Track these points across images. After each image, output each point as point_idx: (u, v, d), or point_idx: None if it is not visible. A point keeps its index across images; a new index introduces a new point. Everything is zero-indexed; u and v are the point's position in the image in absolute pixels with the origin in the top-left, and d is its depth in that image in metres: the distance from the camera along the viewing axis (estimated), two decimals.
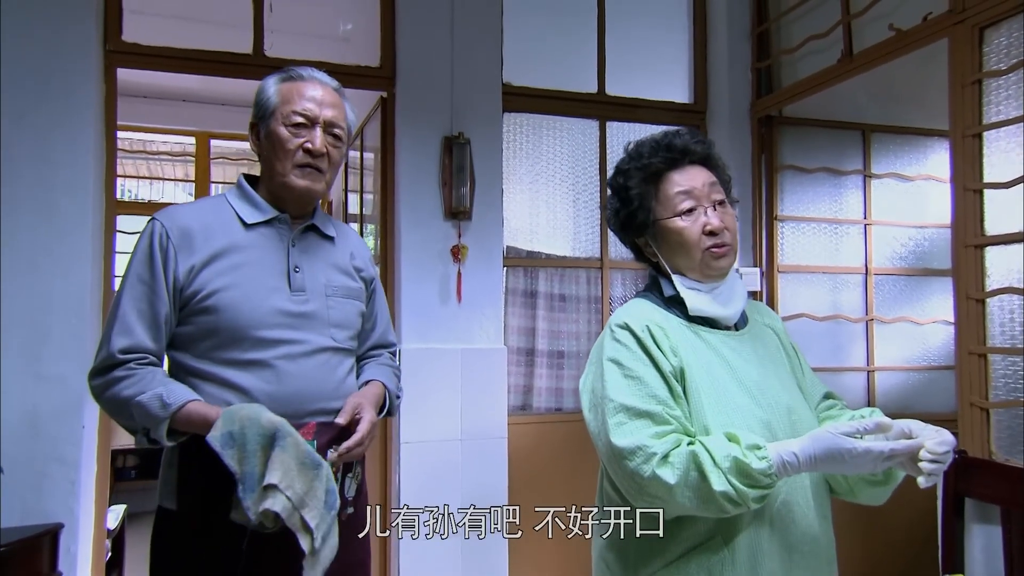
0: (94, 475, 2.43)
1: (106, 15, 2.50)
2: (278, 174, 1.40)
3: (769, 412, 1.21)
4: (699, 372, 1.22)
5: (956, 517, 1.97)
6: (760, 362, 1.28)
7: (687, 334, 1.26)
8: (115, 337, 1.31)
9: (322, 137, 1.40)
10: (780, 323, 1.43)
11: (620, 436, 1.14)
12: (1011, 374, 2.07)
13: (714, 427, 1.17)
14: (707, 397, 1.20)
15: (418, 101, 2.78)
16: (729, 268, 1.31)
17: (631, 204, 1.31)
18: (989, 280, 2.12)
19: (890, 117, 3.32)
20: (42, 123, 2.33)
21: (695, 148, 1.30)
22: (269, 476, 1.20)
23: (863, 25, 2.66)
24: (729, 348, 1.27)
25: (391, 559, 2.73)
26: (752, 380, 1.24)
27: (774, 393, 1.24)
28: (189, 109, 4.93)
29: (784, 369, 1.32)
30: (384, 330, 1.64)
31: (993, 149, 2.12)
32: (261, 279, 1.37)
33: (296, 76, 1.43)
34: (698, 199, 1.28)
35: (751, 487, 1.08)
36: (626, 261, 3.18)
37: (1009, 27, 2.08)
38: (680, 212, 1.27)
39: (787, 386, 1.29)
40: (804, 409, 1.27)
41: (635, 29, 3.22)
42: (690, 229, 1.27)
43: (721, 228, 1.26)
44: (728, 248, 1.28)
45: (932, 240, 3.38)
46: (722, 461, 1.09)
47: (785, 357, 1.35)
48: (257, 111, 1.43)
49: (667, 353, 1.21)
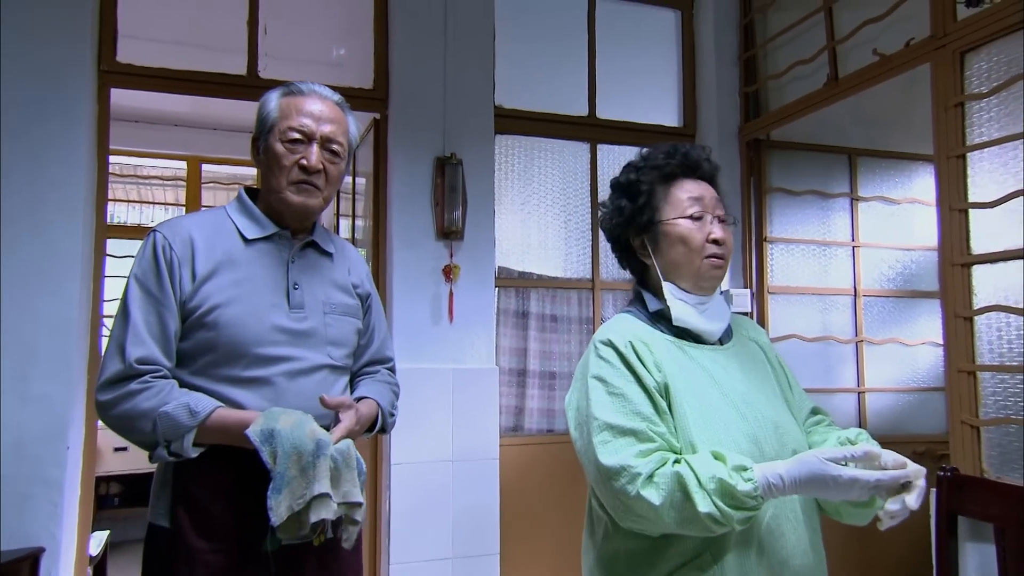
0: (77, 499, 2.38)
1: (100, 36, 2.52)
2: (275, 190, 1.40)
3: (756, 426, 1.21)
4: (684, 387, 1.22)
5: (950, 536, 1.96)
6: (746, 376, 1.29)
7: (672, 349, 1.27)
8: (130, 348, 1.28)
9: (318, 153, 1.40)
10: (765, 338, 1.44)
11: (606, 455, 1.14)
12: (1000, 391, 2.09)
13: (700, 443, 1.16)
14: (692, 412, 1.19)
15: (411, 122, 2.80)
16: (720, 282, 1.33)
17: (639, 200, 1.32)
18: (976, 298, 2.14)
19: (875, 141, 3.38)
20: (36, 141, 2.33)
21: (706, 166, 1.34)
22: (319, 486, 1.22)
23: (847, 50, 2.72)
24: (714, 363, 1.27)
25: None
26: (738, 394, 1.24)
27: (760, 407, 1.24)
28: (180, 133, 4.95)
29: (770, 383, 1.33)
30: (380, 345, 1.62)
31: (977, 170, 2.16)
32: (261, 296, 1.36)
33: (296, 91, 1.43)
34: (706, 208, 1.30)
35: (736, 509, 1.08)
36: (617, 282, 3.19)
37: (989, 52, 2.13)
38: (689, 215, 1.29)
39: (773, 400, 1.29)
40: (791, 423, 1.28)
41: (625, 54, 3.28)
42: (696, 233, 1.28)
43: (724, 240, 1.29)
44: (725, 262, 1.30)
45: (919, 262, 3.42)
46: (707, 482, 1.08)
47: (771, 371, 1.36)
48: (258, 126, 1.43)
49: (651, 369, 1.21)
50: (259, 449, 1.22)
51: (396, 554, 2.59)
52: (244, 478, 1.28)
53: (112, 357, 1.29)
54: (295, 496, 1.21)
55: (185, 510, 1.30)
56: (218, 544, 1.29)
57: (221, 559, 1.28)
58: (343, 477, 1.26)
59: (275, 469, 1.21)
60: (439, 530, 2.60)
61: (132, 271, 1.35)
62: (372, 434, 1.52)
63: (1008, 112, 2.07)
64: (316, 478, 1.22)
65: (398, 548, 2.59)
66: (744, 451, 1.15)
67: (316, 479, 1.22)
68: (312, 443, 1.23)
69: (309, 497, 1.21)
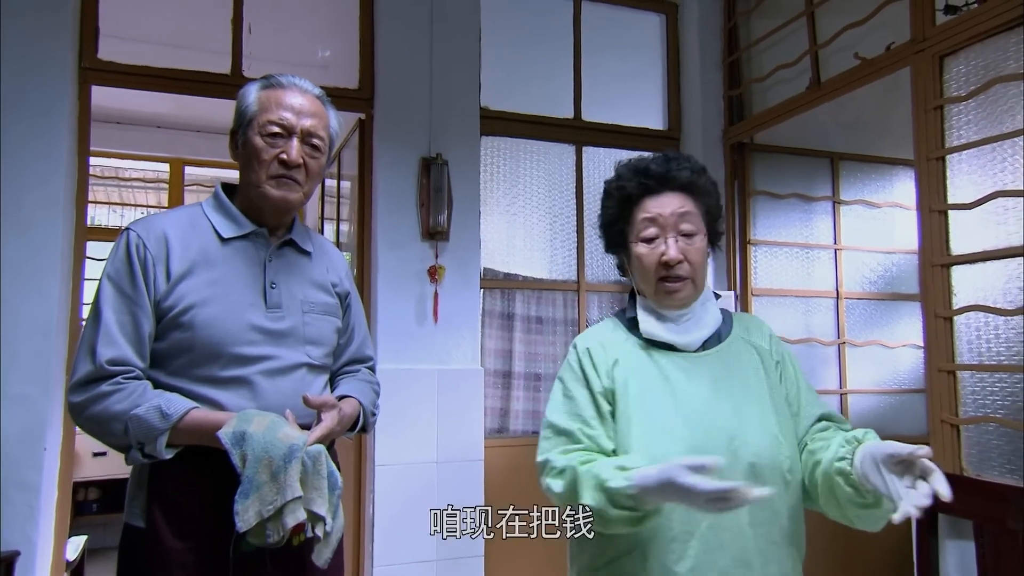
0: (55, 501, 2.34)
1: (82, 33, 2.49)
2: (253, 184, 1.37)
3: (702, 437, 1.20)
4: (638, 394, 1.24)
5: (930, 534, 1.98)
6: (714, 385, 1.26)
7: (639, 356, 1.29)
8: (100, 348, 1.25)
9: (299, 148, 1.37)
10: (768, 341, 1.37)
11: (540, 452, 1.26)
12: (979, 390, 2.11)
13: (636, 449, 1.20)
14: (636, 419, 1.22)
15: (396, 123, 2.80)
16: (686, 300, 1.30)
17: (609, 223, 1.36)
18: (956, 298, 2.17)
19: (857, 146, 3.42)
20: (15, 139, 2.29)
21: (676, 175, 1.29)
22: (290, 492, 1.19)
23: (830, 55, 2.75)
24: (681, 371, 1.27)
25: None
26: (693, 404, 1.23)
27: (717, 417, 1.22)
28: (163, 135, 4.89)
29: (751, 391, 1.27)
30: (360, 344, 1.61)
31: (956, 172, 2.19)
32: (237, 295, 1.34)
33: (276, 84, 1.41)
34: (662, 228, 1.28)
35: (614, 506, 1.10)
36: (603, 284, 3.20)
37: (967, 56, 2.16)
38: (643, 239, 1.29)
39: (744, 410, 1.24)
40: (757, 435, 1.22)
41: (610, 57, 3.30)
42: (648, 257, 1.28)
43: (677, 260, 1.26)
44: (684, 282, 1.28)
45: (900, 265, 3.46)
46: (591, 479, 1.14)
47: (763, 377, 1.30)
48: (237, 119, 1.41)
49: (601, 374, 1.27)
50: (229, 452, 1.19)
51: (380, 556, 2.57)
52: (221, 479, 1.25)
53: (83, 358, 1.26)
54: (264, 502, 1.19)
55: (161, 510, 1.28)
56: (194, 544, 1.27)
57: (197, 559, 1.26)
58: (309, 483, 1.23)
59: (244, 473, 1.19)
60: (424, 532, 2.57)
61: (105, 270, 1.31)
62: (354, 433, 1.51)
63: (986, 115, 2.10)
64: (287, 484, 1.19)
65: (382, 550, 2.57)
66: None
67: (287, 485, 1.19)
68: (284, 447, 1.20)
69: (280, 503, 1.18)
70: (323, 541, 1.26)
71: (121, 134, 4.74)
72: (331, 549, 1.28)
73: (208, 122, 4.82)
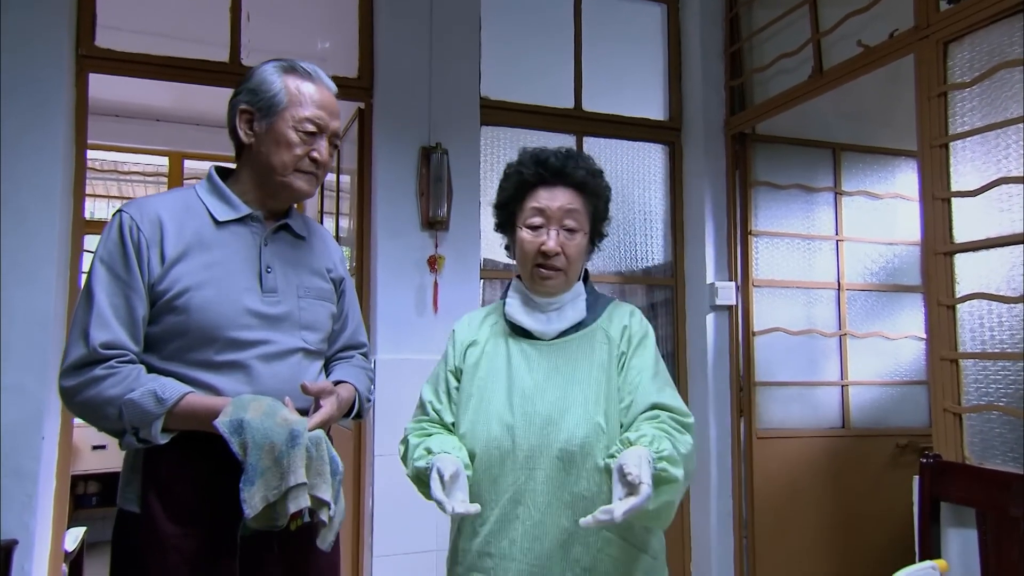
0: (52, 490, 2.34)
1: (79, 20, 2.48)
2: (276, 173, 1.36)
3: (521, 419, 1.31)
4: (481, 377, 1.37)
5: (932, 521, 1.97)
6: (549, 373, 1.34)
7: (496, 341, 1.41)
8: (94, 331, 1.23)
9: (328, 147, 1.40)
10: (622, 331, 1.39)
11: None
12: (982, 379, 2.10)
13: (462, 423, 1.35)
14: (474, 399, 1.36)
15: (396, 112, 2.78)
16: (555, 289, 1.38)
17: (502, 204, 1.44)
18: (959, 286, 2.15)
19: (859, 136, 3.40)
20: (11, 127, 2.27)
21: (571, 173, 1.37)
22: (294, 477, 1.19)
23: (832, 43, 2.73)
24: (525, 357, 1.37)
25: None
26: (521, 389, 1.33)
27: (540, 404, 1.32)
28: (162, 129, 4.87)
29: (586, 381, 1.33)
30: (354, 330, 1.59)
31: (959, 159, 2.17)
32: (233, 279, 1.32)
33: (304, 74, 1.39)
34: (548, 219, 1.36)
35: (416, 480, 1.33)
36: (603, 274, 3.19)
37: (972, 42, 2.15)
38: (528, 225, 1.37)
39: (568, 398, 1.32)
40: (575, 422, 1.29)
41: (611, 47, 3.28)
42: (529, 243, 1.37)
43: (554, 252, 1.34)
44: (558, 273, 1.36)
45: (902, 257, 3.44)
46: (412, 452, 1.33)
47: (605, 367, 1.34)
48: (256, 100, 1.37)
49: (456, 354, 1.42)
50: (229, 441, 1.18)
51: (379, 546, 2.56)
52: (217, 464, 1.24)
53: (76, 342, 1.24)
54: (269, 487, 1.18)
55: (156, 495, 1.26)
56: (189, 529, 1.26)
57: (192, 544, 1.25)
58: (313, 469, 1.23)
59: (247, 460, 1.18)
60: (422, 522, 2.57)
61: (97, 253, 1.29)
62: (349, 420, 1.51)
63: (990, 101, 2.09)
64: (291, 468, 1.19)
65: (381, 540, 2.56)
66: (495, 436, 1.31)
67: (291, 469, 1.19)
68: (285, 432, 1.20)
69: (285, 488, 1.18)
70: (327, 526, 1.26)
71: (120, 127, 4.72)
72: (334, 533, 1.29)
73: (208, 115, 4.79)
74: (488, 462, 1.32)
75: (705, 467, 3.09)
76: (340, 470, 1.30)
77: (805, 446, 3.13)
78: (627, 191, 3.30)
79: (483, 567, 1.31)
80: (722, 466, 3.09)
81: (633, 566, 1.31)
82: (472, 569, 1.33)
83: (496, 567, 1.30)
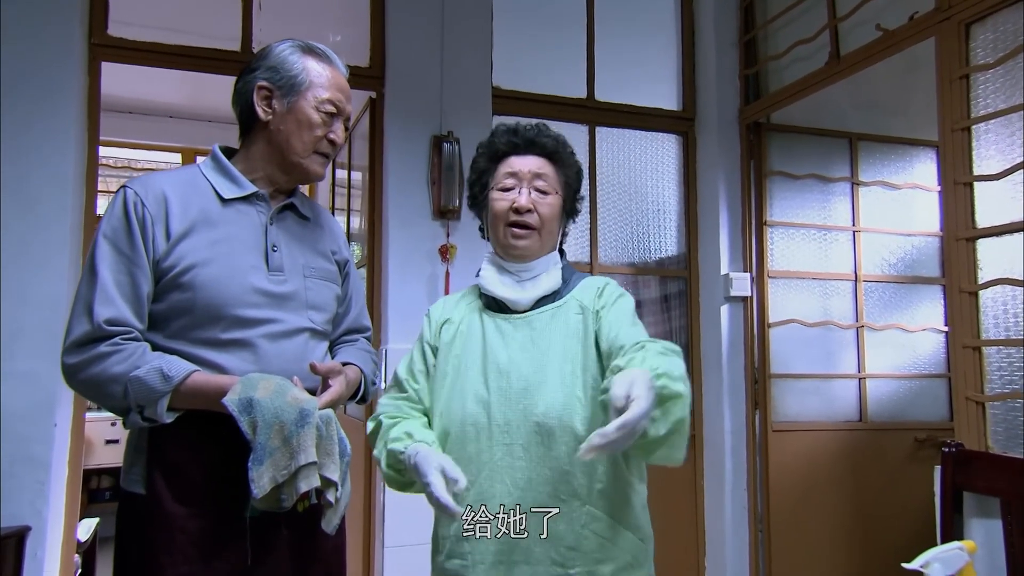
0: (65, 478, 2.34)
1: (91, 9, 2.48)
2: (295, 153, 1.36)
3: (495, 395, 1.28)
4: (455, 354, 1.35)
5: (954, 512, 1.92)
6: (524, 347, 1.31)
7: (471, 318, 1.38)
8: (98, 308, 1.20)
9: (343, 131, 1.41)
10: (597, 290, 1.35)
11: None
12: (1006, 367, 2.05)
13: (437, 400, 1.33)
14: (449, 374, 1.33)
15: (408, 101, 2.77)
16: (529, 251, 1.34)
17: (475, 178, 1.43)
18: (981, 273, 2.11)
19: (876, 126, 3.35)
20: (23, 115, 2.28)
21: (541, 142, 1.37)
22: (304, 456, 1.17)
23: (849, 29, 2.69)
24: (500, 332, 1.34)
25: (375, 570, 2.63)
26: (496, 364, 1.30)
27: (515, 378, 1.28)
28: (175, 125, 4.88)
29: (562, 353, 1.29)
30: (358, 314, 1.57)
31: (982, 142, 2.13)
32: (239, 256, 1.31)
33: (323, 56, 1.39)
34: (519, 180, 1.35)
35: (387, 464, 1.27)
36: (616, 265, 3.15)
37: (995, 21, 2.10)
38: (500, 188, 1.36)
39: (545, 370, 1.28)
40: (552, 395, 1.25)
41: (624, 37, 3.25)
42: (501, 202, 1.35)
43: (526, 208, 1.32)
44: (531, 232, 1.33)
45: (920, 248, 3.39)
46: (384, 433, 1.30)
47: (581, 338, 1.30)
48: (277, 77, 1.35)
49: (432, 332, 1.40)
50: (238, 419, 1.16)
51: (390, 537, 2.54)
52: (223, 442, 1.22)
53: (79, 318, 1.22)
54: (278, 467, 1.17)
55: (162, 476, 1.25)
56: (196, 510, 1.24)
57: (199, 524, 1.23)
58: (323, 448, 1.21)
59: (256, 440, 1.16)
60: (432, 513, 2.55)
61: (100, 229, 1.27)
62: (354, 402, 1.49)
63: (1013, 82, 2.04)
64: (301, 448, 1.17)
65: (392, 531, 2.54)
66: (471, 413, 1.28)
67: (301, 449, 1.17)
68: (295, 411, 1.18)
69: (294, 468, 1.16)
70: (333, 508, 1.24)
71: (133, 124, 4.74)
72: (340, 516, 1.27)
73: (221, 112, 4.79)
74: (464, 439, 1.27)
75: (720, 460, 3.05)
76: (348, 452, 1.28)
77: (821, 439, 3.08)
78: (640, 181, 3.27)
79: (461, 552, 1.26)
80: (737, 459, 3.04)
81: (619, 545, 1.25)
82: (451, 556, 1.28)
83: (474, 550, 1.25)
